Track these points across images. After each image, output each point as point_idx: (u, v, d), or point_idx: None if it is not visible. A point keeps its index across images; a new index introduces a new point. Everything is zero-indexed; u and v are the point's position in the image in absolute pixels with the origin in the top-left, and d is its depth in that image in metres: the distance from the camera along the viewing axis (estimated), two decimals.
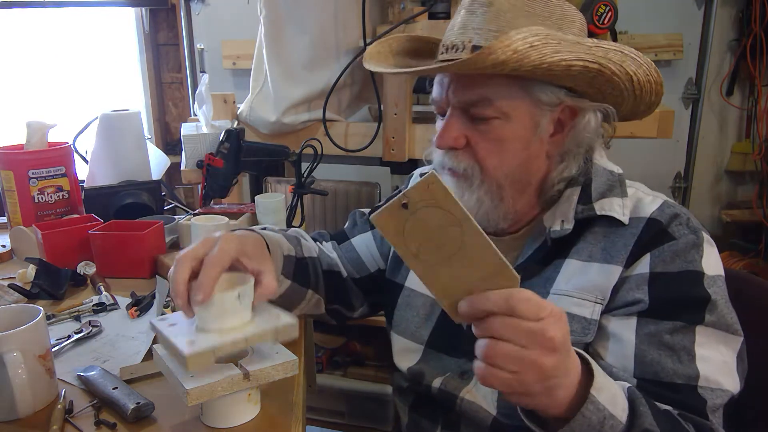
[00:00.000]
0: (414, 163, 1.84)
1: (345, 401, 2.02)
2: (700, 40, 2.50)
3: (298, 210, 1.49)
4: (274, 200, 1.41)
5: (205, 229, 1.01)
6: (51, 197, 1.39)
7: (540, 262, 0.84)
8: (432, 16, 1.65)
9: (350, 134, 1.80)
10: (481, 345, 0.57)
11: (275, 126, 1.80)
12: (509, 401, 0.60)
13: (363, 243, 1.07)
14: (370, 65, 0.91)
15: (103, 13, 2.68)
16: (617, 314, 0.78)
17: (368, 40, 1.68)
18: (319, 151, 1.44)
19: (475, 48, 0.78)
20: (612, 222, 0.81)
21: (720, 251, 0.82)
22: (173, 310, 1.02)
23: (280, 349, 0.76)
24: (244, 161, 1.50)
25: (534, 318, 0.55)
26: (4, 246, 1.36)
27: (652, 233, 0.79)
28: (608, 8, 1.46)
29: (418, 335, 0.94)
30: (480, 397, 0.86)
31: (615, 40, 1.56)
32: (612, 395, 0.62)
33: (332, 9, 1.71)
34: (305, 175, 1.46)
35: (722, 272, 0.79)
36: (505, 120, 0.80)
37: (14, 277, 1.17)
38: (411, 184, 1.06)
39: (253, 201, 1.47)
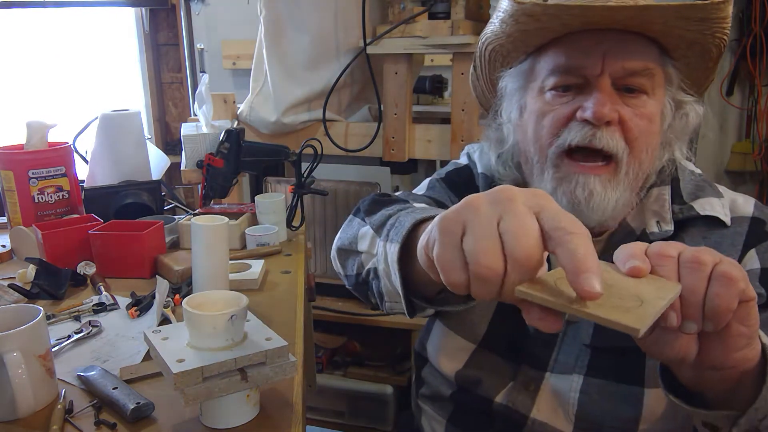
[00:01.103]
0: (414, 163, 1.84)
1: (345, 401, 2.02)
2: None
3: (298, 210, 1.49)
4: (274, 200, 1.41)
5: (205, 229, 1.01)
6: (51, 197, 1.39)
7: None
8: (432, 16, 1.65)
9: (350, 134, 1.80)
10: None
11: (275, 126, 1.80)
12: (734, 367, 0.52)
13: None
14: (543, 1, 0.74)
15: (103, 13, 2.68)
16: None
17: (368, 40, 1.68)
18: (319, 151, 1.44)
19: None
20: (710, 223, 0.77)
21: None
22: (173, 311, 1.02)
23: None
24: (244, 161, 1.50)
25: (717, 260, 0.49)
26: (4, 246, 1.36)
27: (758, 232, 0.76)
28: None
29: (473, 331, 0.83)
30: (551, 412, 0.77)
31: None
32: None
33: (332, 9, 1.71)
34: (305, 175, 1.46)
35: None
36: (653, 97, 0.73)
37: (14, 277, 1.17)
38: (433, 192, 0.91)
39: (253, 201, 1.47)
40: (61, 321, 1.02)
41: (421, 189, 0.95)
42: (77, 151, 1.61)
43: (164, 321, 1.00)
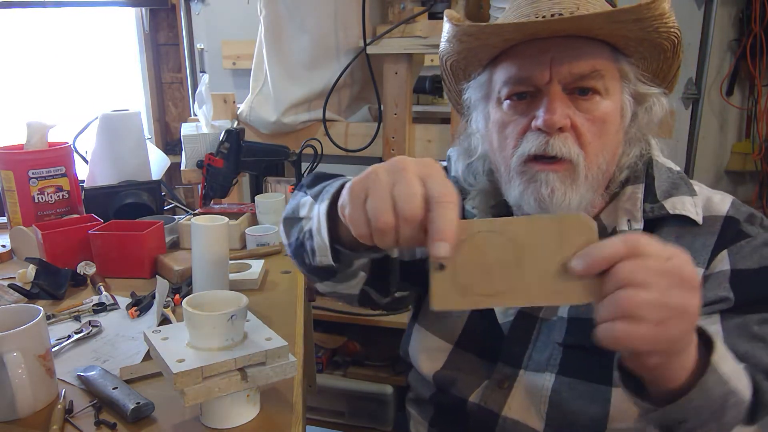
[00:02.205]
0: None
1: (345, 401, 2.02)
2: (700, 40, 2.50)
3: None
4: (274, 200, 1.41)
5: (205, 229, 1.01)
6: (51, 197, 1.39)
7: None
8: (432, 16, 1.65)
9: (350, 134, 1.80)
10: (614, 300, 0.48)
11: (275, 126, 1.80)
12: (641, 367, 0.52)
13: None
14: (453, 23, 0.76)
15: (103, 13, 2.68)
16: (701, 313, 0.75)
17: (368, 40, 1.68)
18: (319, 151, 1.44)
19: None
20: (683, 222, 0.76)
21: None
22: (173, 311, 1.02)
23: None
24: (244, 161, 1.50)
25: (664, 256, 0.48)
26: (4, 246, 1.36)
27: (731, 232, 0.75)
28: None
29: (449, 331, 0.84)
30: (524, 410, 0.77)
31: None
32: (735, 369, 0.55)
33: (332, 9, 1.71)
34: (305, 175, 1.46)
35: None
36: (606, 97, 0.73)
37: (14, 277, 1.17)
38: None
39: (253, 201, 1.47)
40: (61, 321, 1.02)
41: None
42: (77, 151, 1.61)
43: (164, 321, 1.00)
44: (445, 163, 0.97)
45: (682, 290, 0.48)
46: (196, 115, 1.74)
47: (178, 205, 1.72)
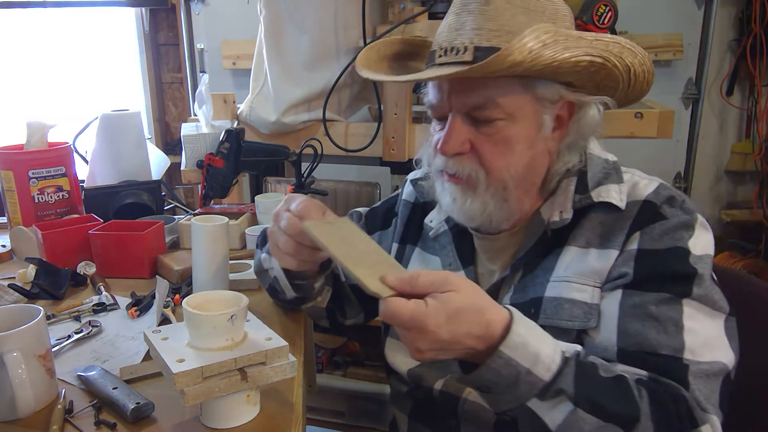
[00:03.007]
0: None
1: (345, 401, 2.02)
2: (700, 40, 2.50)
3: None
4: (274, 200, 1.41)
5: (205, 229, 1.01)
6: (51, 197, 1.39)
7: (540, 255, 0.84)
8: (432, 16, 1.65)
9: (350, 134, 1.80)
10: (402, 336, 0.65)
11: (275, 126, 1.80)
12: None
13: None
14: (367, 74, 0.90)
15: (103, 13, 2.68)
16: (605, 289, 0.79)
17: (368, 40, 1.68)
18: (319, 151, 1.44)
19: (477, 49, 0.77)
20: (609, 208, 0.81)
21: (720, 251, 0.83)
22: (173, 311, 1.02)
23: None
24: (244, 161, 1.50)
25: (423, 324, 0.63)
26: (4, 246, 1.36)
27: (647, 214, 0.79)
28: (608, 8, 1.46)
29: None
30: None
31: None
32: (535, 355, 0.65)
33: (332, 9, 1.71)
34: (305, 175, 1.46)
35: (711, 253, 0.78)
36: (510, 121, 0.79)
37: (14, 277, 1.17)
38: (404, 191, 1.06)
39: (253, 201, 1.47)
40: (61, 321, 1.02)
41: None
42: (77, 151, 1.61)
43: (164, 321, 1.00)
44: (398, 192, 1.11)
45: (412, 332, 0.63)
46: (196, 115, 1.74)
47: (178, 205, 1.72)
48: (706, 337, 0.72)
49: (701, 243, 0.78)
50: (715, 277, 0.79)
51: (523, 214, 0.86)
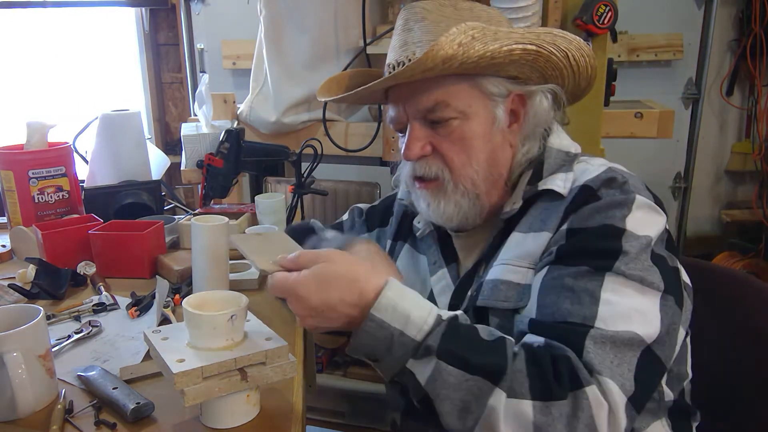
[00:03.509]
0: None
1: (345, 401, 2.02)
2: (700, 40, 2.50)
3: (298, 210, 1.49)
4: (274, 200, 1.41)
5: (205, 229, 1.01)
6: (51, 197, 1.39)
7: (497, 246, 0.87)
8: None
9: (350, 134, 1.80)
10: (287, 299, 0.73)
11: (275, 126, 1.80)
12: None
13: None
14: (323, 97, 0.98)
15: (103, 13, 2.68)
16: (537, 269, 0.80)
17: (368, 40, 1.68)
18: (319, 151, 1.44)
19: None
20: (554, 196, 0.83)
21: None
22: (173, 311, 1.02)
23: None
24: (244, 161, 1.50)
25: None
26: (4, 246, 1.36)
27: (582, 197, 0.80)
28: (608, 8, 1.46)
29: None
30: None
31: (615, 40, 1.56)
32: (406, 317, 0.69)
33: (332, 9, 1.71)
34: (305, 175, 1.46)
35: (651, 234, 0.76)
36: (463, 119, 0.84)
37: (14, 277, 1.17)
38: (400, 190, 1.09)
39: (253, 201, 1.47)
40: (61, 321, 1.02)
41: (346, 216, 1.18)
42: (77, 151, 1.61)
43: (164, 321, 1.00)
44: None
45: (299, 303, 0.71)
46: (196, 115, 1.74)
47: (178, 205, 1.72)
48: (624, 310, 0.71)
49: (641, 223, 0.76)
50: (677, 264, 0.79)
51: (492, 207, 0.89)
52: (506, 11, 1.47)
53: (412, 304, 0.70)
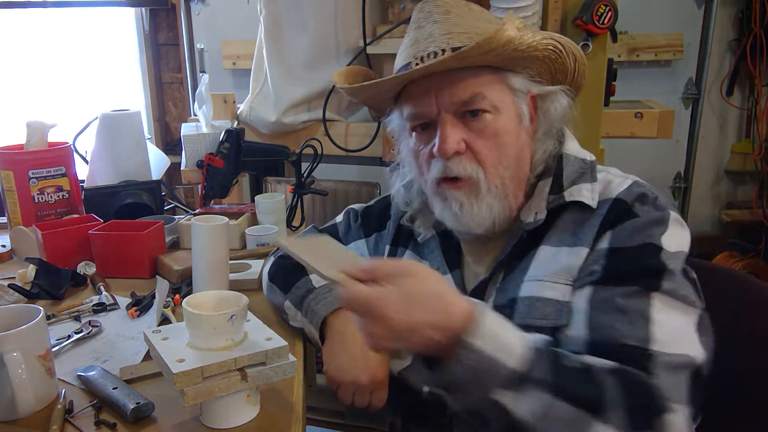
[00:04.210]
0: None
1: None
2: (700, 40, 2.50)
3: (298, 210, 1.49)
4: (274, 200, 1.41)
5: (205, 229, 1.01)
6: (51, 197, 1.39)
7: (517, 256, 0.85)
8: None
9: (350, 134, 1.80)
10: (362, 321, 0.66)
11: (275, 126, 1.80)
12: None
13: (357, 251, 1.06)
14: (348, 87, 0.92)
15: (103, 13, 2.68)
16: (576, 287, 0.79)
17: (368, 40, 1.68)
18: (319, 151, 1.44)
19: (455, 50, 0.79)
20: (583, 208, 0.82)
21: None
22: (173, 311, 1.02)
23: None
24: (244, 161, 1.50)
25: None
26: (4, 246, 1.36)
27: (617, 212, 0.80)
28: (608, 8, 1.46)
29: None
30: None
31: (615, 40, 1.56)
32: (504, 345, 0.64)
33: (332, 9, 1.71)
34: (305, 175, 1.46)
35: (685, 249, 0.78)
36: (496, 113, 0.82)
37: (14, 277, 1.17)
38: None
39: (253, 201, 1.47)
40: (61, 321, 1.02)
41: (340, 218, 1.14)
42: (77, 151, 1.61)
43: (164, 321, 1.00)
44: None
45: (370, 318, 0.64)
46: (196, 115, 1.74)
47: (178, 205, 1.72)
48: (674, 330, 0.72)
49: (675, 240, 0.78)
50: (694, 275, 0.79)
51: (513, 211, 0.87)
52: (506, 11, 1.47)
53: (507, 331, 0.66)
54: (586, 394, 0.65)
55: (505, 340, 0.65)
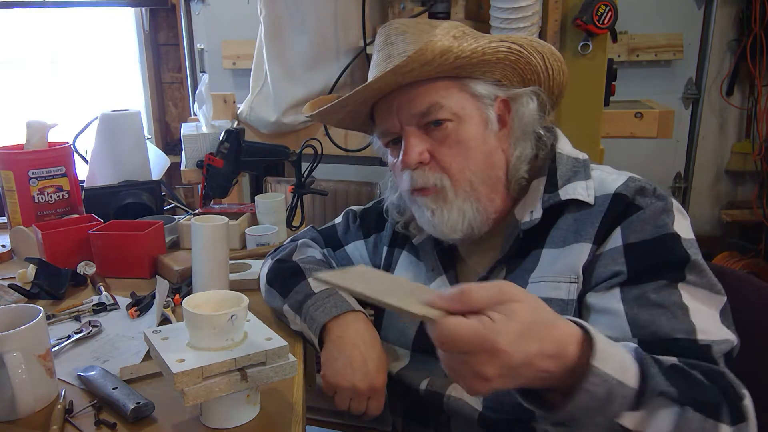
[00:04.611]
0: None
1: None
2: (700, 40, 2.50)
3: (298, 210, 1.49)
4: (274, 200, 1.41)
5: (205, 229, 1.01)
6: (51, 197, 1.39)
7: (517, 255, 0.86)
8: (432, 16, 1.65)
9: (350, 134, 1.80)
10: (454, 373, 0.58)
11: (275, 126, 1.80)
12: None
13: (356, 251, 1.07)
14: (311, 112, 0.94)
15: (103, 13, 2.68)
16: (599, 290, 0.78)
17: (368, 40, 1.68)
18: (319, 151, 1.44)
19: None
20: (581, 205, 0.83)
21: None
22: (173, 311, 1.02)
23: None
24: (244, 161, 1.50)
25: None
26: (4, 246, 1.36)
27: (620, 207, 0.80)
28: (608, 8, 1.46)
29: (404, 340, 0.95)
30: (466, 393, 0.85)
31: (615, 40, 1.56)
32: (620, 363, 0.59)
33: (332, 9, 1.71)
34: (305, 175, 1.46)
35: (694, 237, 0.78)
36: (457, 121, 0.84)
37: (14, 277, 1.17)
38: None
39: (253, 201, 1.47)
40: (61, 321, 1.02)
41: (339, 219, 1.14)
42: (77, 151, 1.61)
43: (164, 321, 1.00)
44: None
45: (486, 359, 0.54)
46: (196, 115, 1.74)
47: (178, 205, 1.71)
48: (709, 317, 0.73)
49: (684, 227, 0.78)
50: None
51: (498, 213, 0.88)
52: (506, 11, 1.47)
53: (615, 347, 0.61)
54: (703, 396, 0.62)
55: (621, 358, 0.60)
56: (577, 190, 0.83)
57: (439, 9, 1.65)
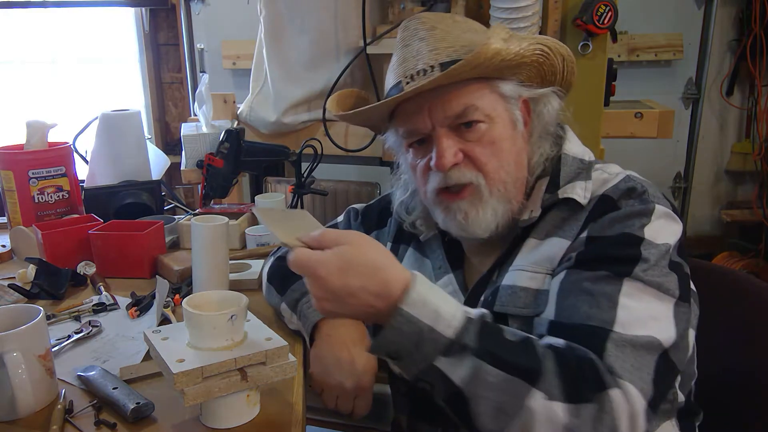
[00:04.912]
0: None
1: None
2: (700, 40, 2.50)
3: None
4: (274, 200, 1.41)
5: (205, 229, 1.01)
6: (51, 197, 1.39)
7: (510, 250, 0.87)
8: None
9: (350, 134, 1.79)
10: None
11: (275, 126, 1.80)
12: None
13: None
14: (342, 114, 0.93)
15: (103, 13, 2.68)
16: (556, 273, 0.80)
17: (368, 40, 1.68)
18: (319, 151, 1.44)
19: (443, 65, 0.81)
20: (574, 205, 0.83)
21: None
22: (173, 311, 1.02)
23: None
24: (244, 161, 1.50)
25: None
26: (4, 246, 1.36)
27: (602, 208, 0.81)
28: (608, 8, 1.46)
29: None
30: None
31: (615, 40, 1.56)
32: (436, 312, 0.67)
33: (332, 9, 1.71)
34: (305, 175, 1.46)
35: (670, 242, 0.77)
36: (490, 122, 0.84)
37: (14, 277, 1.17)
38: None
39: (253, 201, 1.47)
40: (61, 321, 1.02)
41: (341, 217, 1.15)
42: (77, 151, 1.61)
43: (164, 321, 1.00)
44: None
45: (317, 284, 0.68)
46: (196, 115, 1.74)
47: (178, 205, 1.72)
48: (642, 315, 0.72)
49: (661, 232, 0.77)
50: (688, 270, 0.79)
51: (516, 214, 0.88)
52: (506, 11, 1.47)
53: (441, 300, 0.68)
54: (519, 361, 0.66)
55: (434, 306, 0.67)
56: (575, 190, 0.84)
57: (439, 9, 1.64)
